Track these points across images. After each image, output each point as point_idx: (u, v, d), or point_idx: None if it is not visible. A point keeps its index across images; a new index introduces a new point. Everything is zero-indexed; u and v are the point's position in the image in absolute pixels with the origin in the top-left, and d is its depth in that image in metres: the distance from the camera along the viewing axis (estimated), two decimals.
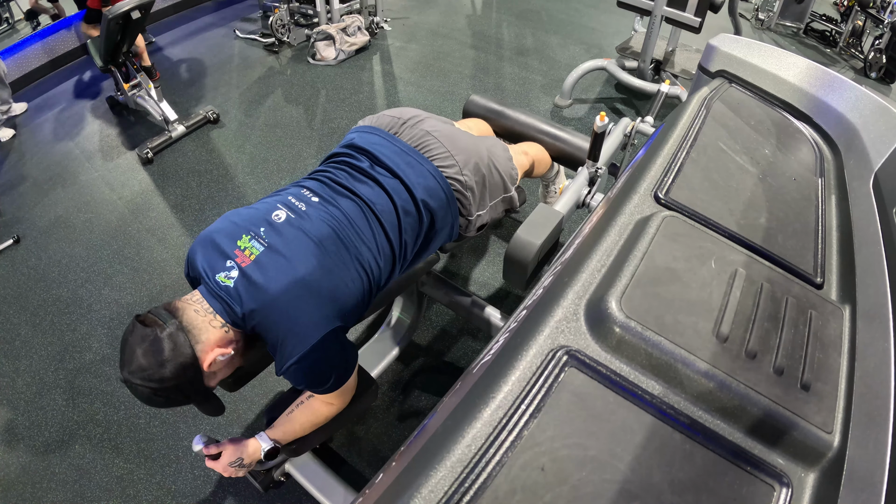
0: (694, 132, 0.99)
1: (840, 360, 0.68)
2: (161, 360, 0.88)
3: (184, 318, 0.92)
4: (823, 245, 0.87)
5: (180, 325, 0.91)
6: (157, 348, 0.88)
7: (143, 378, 0.87)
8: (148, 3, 2.78)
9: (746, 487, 0.54)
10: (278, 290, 0.93)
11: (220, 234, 1.01)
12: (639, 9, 2.83)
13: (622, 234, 0.78)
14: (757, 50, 1.27)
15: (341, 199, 1.09)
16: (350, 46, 3.81)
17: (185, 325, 0.91)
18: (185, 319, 0.92)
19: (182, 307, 0.94)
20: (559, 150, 1.73)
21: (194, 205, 2.66)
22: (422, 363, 1.91)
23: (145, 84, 3.09)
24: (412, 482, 0.50)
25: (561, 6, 4.68)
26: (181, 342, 0.90)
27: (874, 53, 3.77)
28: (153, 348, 0.88)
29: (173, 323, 0.91)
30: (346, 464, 1.43)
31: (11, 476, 1.68)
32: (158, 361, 0.87)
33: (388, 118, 1.29)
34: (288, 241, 0.98)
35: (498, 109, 1.82)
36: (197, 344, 0.92)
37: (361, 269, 1.04)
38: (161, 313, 0.92)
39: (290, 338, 0.94)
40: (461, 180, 1.19)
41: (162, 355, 0.88)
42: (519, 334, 0.65)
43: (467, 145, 1.25)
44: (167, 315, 0.92)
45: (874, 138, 1.03)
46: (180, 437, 1.73)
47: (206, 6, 4.85)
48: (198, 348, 0.92)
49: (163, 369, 0.88)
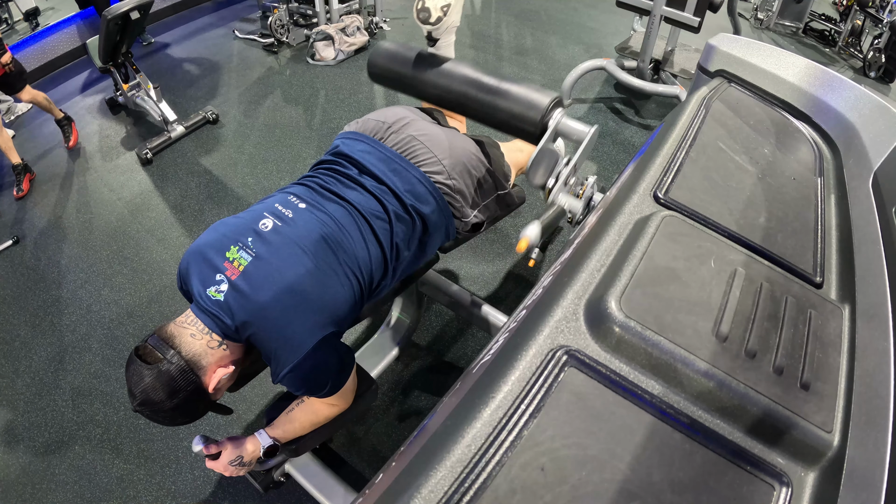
0: (693, 132, 0.99)
1: (840, 359, 0.68)
2: (168, 393, 0.91)
3: (182, 347, 0.93)
4: (823, 244, 0.87)
5: (180, 354, 0.92)
6: (162, 384, 0.90)
7: (153, 410, 0.92)
8: (147, 4, 2.78)
9: (746, 487, 0.54)
10: (268, 300, 0.93)
11: (208, 246, 1.00)
12: (638, 8, 2.83)
13: (622, 233, 0.78)
14: (756, 49, 1.27)
15: (329, 203, 1.07)
16: (349, 46, 3.81)
17: (184, 354, 0.93)
18: (184, 348, 0.93)
19: (178, 333, 0.95)
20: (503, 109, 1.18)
21: (193, 205, 2.66)
22: (422, 363, 1.91)
23: (144, 85, 3.09)
24: (412, 482, 0.50)
25: (560, 6, 4.68)
26: (184, 372, 0.92)
27: (873, 53, 3.78)
28: (158, 384, 0.90)
29: (173, 354, 0.92)
30: (346, 464, 1.43)
31: (11, 477, 1.67)
32: (165, 395, 0.91)
33: (373, 122, 1.25)
34: (275, 249, 0.98)
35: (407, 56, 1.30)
36: (199, 370, 0.94)
37: (351, 273, 1.03)
38: (160, 346, 0.93)
39: (283, 347, 0.94)
40: (449, 184, 1.18)
41: (168, 389, 0.91)
42: (518, 334, 0.65)
43: (455, 147, 1.22)
44: (165, 346, 0.93)
45: (873, 138, 1.03)
46: (180, 437, 1.73)
47: (206, 6, 4.85)
48: (200, 373, 0.94)
49: (171, 401, 0.91)
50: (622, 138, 2.95)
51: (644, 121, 3.12)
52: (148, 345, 0.93)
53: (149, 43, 4.18)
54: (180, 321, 0.97)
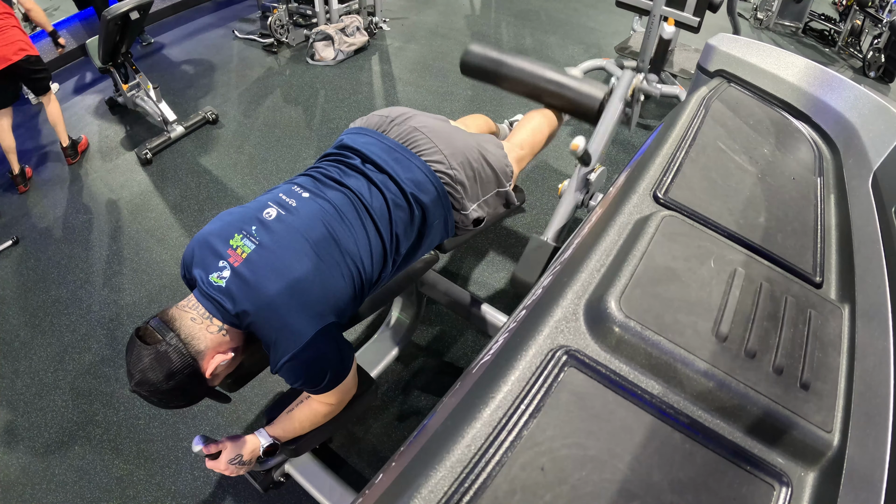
0: (693, 132, 0.99)
1: (839, 359, 0.68)
2: (165, 374, 0.91)
3: (182, 330, 0.94)
4: (822, 244, 0.87)
5: (179, 337, 0.93)
6: (160, 364, 0.91)
7: (149, 391, 0.92)
8: (146, 4, 2.78)
9: (746, 487, 0.54)
10: (269, 288, 0.94)
11: (213, 234, 1.02)
12: (638, 8, 2.83)
13: (621, 233, 0.78)
14: (756, 49, 1.27)
15: (330, 191, 1.10)
16: (349, 47, 3.81)
17: (183, 336, 0.93)
18: (184, 331, 0.94)
19: (179, 316, 0.96)
20: (569, 99, 1.59)
21: (193, 205, 2.66)
22: (421, 363, 1.91)
23: (144, 85, 3.09)
24: (412, 482, 0.50)
25: (560, 6, 4.68)
26: (182, 355, 0.92)
27: (873, 53, 3.78)
28: (156, 365, 0.91)
29: (172, 336, 0.93)
30: (346, 464, 1.43)
31: (11, 477, 1.67)
32: (162, 376, 0.91)
33: (377, 118, 1.30)
34: (278, 238, 0.99)
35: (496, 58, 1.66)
36: (197, 353, 0.94)
37: (352, 262, 1.04)
38: (159, 327, 0.94)
39: (283, 335, 0.95)
40: (450, 174, 1.20)
41: (165, 370, 0.91)
42: (518, 334, 0.65)
43: (456, 140, 1.25)
44: (165, 328, 0.94)
45: (873, 137, 1.03)
46: (180, 437, 1.73)
47: (205, 7, 4.85)
48: (198, 357, 0.95)
49: (168, 382, 0.92)
50: (622, 138, 2.95)
51: (644, 121, 3.12)
52: (149, 326, 0.94)
53: (148, 43, 4.18)
54: (182, 305, 0.98)
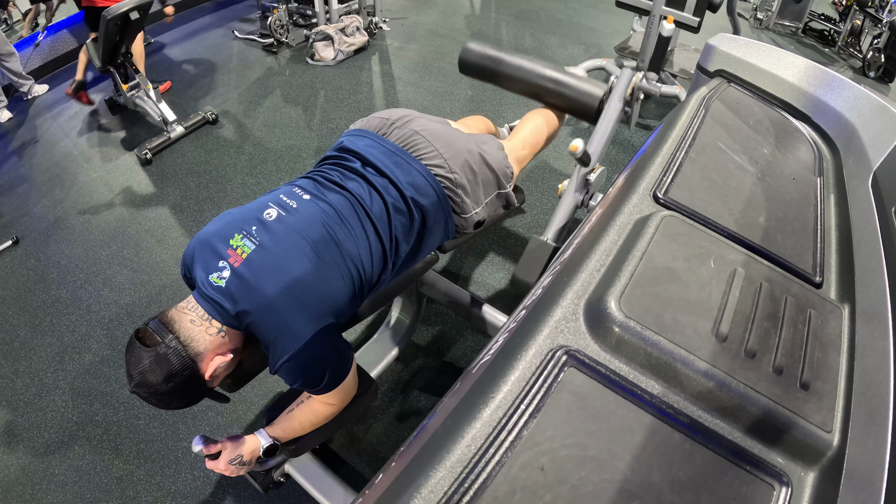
0: (693, 132, 0.99)
1: (839, 359, 0.68)
2: (164, 376, 0.91)
3: (181, 332, 0.94)
4: (822, 244, 0.87)
5: (178, 339, 0.93)
6: (159, 366, 0.91)
7: (149, 392, 0.93)
8: (146, 4, 2.78)
9: (746, 487, 0.54)
10: (269, 289, 0.94)
11: (213, 234, 1.02)
12: (637, 8, 2.83)
13: (621, 233, 0.78)
14: (755, 49, 1.27)
15: (331, 193, 1.10)
16: (349, 47, 3.81)
17: (182, 338, 0.93)
18: (183, 333, 0.94)
19: (178, 318, 0.96)
20: (567, 98, 1.57)
21: (193, 205, 2.66)
22: (421, 363, 1.91)
23: (144, 85, 3.09)
24: (412, 482, 0.50)
25: (559, 6, 4.68)
26: (181, 357, 0.93)
27: (873, 53, 3.78)
28: (155, 367, 0.91)
29: (171, 338, 0.93)
30: (346, 464, 1.43)
31: (11, 477, 1.67)
32: (162, 378, 0.91)
33: (377, 120, 1.30)
34: (278, 238, 0.99)
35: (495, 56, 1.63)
36: (196, 355, 0.94)
37: (352, 264, 1.04)
38: (159, 329, 0.94)
39: (282, 335, 0.95)
40: (450, 178, 1.20)
41: (164, 372, 0.91)
42: (518, 334, 0.65)
43: (456, 142, 1.25)
44: (164, 330, 0.94)
45: (873, 137, 1.03)
46: (180, 437, 1.73)
47: (205, 7, 4.85)
48: (198, 359, 0.95)
49: (167, 384, 0.92)
50: (622, 138, 2.95)
51: (643, 121, 3.12)
52: (148, 328, 0.94)
53: (148, 43, 4.18)
54: (181, 307, 0.98)
